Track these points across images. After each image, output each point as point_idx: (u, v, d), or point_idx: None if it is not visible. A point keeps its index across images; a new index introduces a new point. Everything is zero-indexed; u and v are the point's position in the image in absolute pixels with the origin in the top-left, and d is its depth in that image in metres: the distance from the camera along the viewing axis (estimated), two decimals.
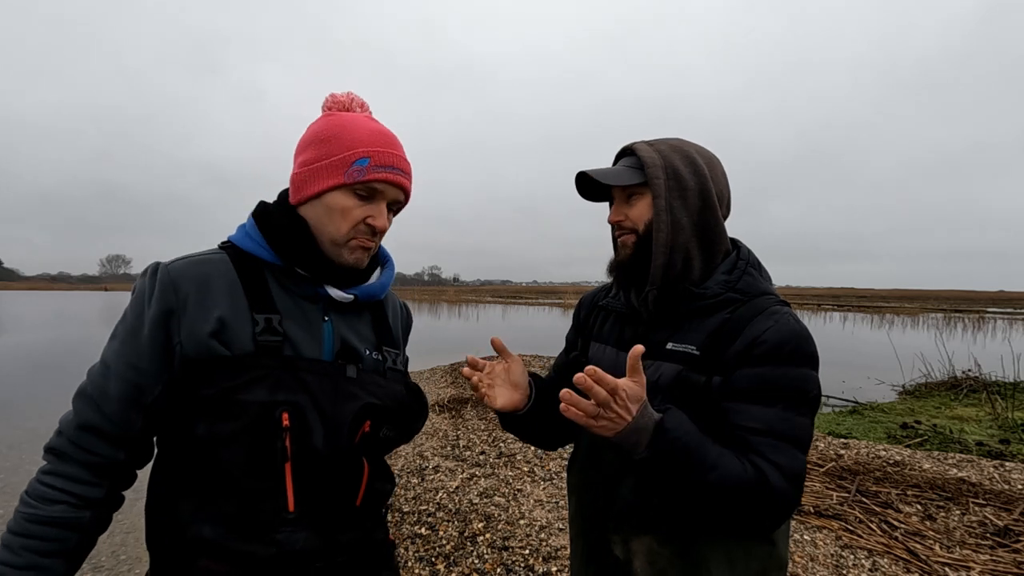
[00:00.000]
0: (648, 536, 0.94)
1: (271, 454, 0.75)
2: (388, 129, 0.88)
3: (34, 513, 0.73)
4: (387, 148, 0.85)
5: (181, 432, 0.78)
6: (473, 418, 5.16)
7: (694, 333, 0.91)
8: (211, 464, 0.76)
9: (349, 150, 0.82)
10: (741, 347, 0.86)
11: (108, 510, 0.80)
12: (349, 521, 0.84)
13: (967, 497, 3.28)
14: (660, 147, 0.96)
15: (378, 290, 0.94)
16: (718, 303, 0.92)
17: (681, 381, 0.89)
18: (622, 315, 1.05)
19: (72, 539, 0.75)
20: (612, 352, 1.03)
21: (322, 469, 0.79)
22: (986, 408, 5.97)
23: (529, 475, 3.62)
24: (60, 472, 0.75)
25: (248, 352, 0.77)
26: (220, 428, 0.75)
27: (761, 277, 0.97)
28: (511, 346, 1.02)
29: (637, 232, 0.97)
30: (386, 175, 0.83)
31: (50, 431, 0.79)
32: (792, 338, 0.85)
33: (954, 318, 26.57)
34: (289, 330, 0.81)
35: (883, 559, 2.57)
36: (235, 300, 0.80)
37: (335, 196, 0.83)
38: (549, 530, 2.81)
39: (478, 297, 54.72)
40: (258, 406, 0.75)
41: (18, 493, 0.76)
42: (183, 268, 0.79)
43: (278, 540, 0.77)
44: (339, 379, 0.83)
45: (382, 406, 0.86)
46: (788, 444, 0.82)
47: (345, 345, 0.87)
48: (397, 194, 0.87)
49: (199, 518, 0.76)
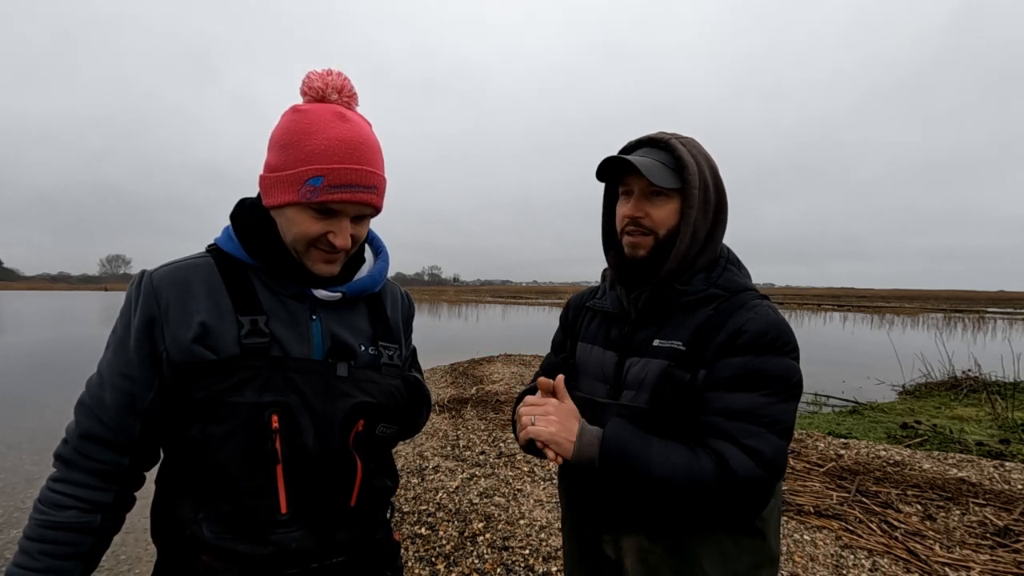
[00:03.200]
0: (638, 535, 0.95)
1: (262, 455, 0.75)
2: (357, 131, 0.78)
3: (47, 519, 0.75)
4: (345, 163, 0.76)
5: (178, 435, 0.79)
6: (473, 418, 5.16)
7: (680, 329, 0.93)
8: (206, 465, 0.77)
9: (303, 165, 0.75)
10: (723, 339, 0.88)
11: (119, 512, 0.82)
12: (344, 521, 0.84)
13: (967, 497, 3.28)
14: (694, 152, 0.94)
15: (369, 283, 0.91)
16: (701, 299, 0.93)
17: (667, 377, 0.90)
18: (608, 315, 1.06)
19: (86, 542, 0.76)
20: (599, 351, 1.04)
21: (314, 469, 0.79)
22: (986, 408, 5.97)
23: (529, 475, 3.62)
24: (68, 479, 0.77)
25: (234, 355, 0.76)
26: (212, 430, 0.76)
27: (740, 273, 0.99)
28: (512, 346, 1.02)
29: (657, 236, 0.95)
30: (341, 195, 0.76)
31: (49, 431, 0.79)
32: (772, 328, 0.87)
33: (954, 318, 26.58)
34: (276, 330, 0.80)
35: (883, 559, 2.57)
36: (219, 303, 0.79)
37: (292, 211, 0.78)
38: (549, 530, 2.81)
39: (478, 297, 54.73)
40: (247, 407, 0.75)
41: (18, 493, 0.76)
42: (164, 275, 0.79)
43: (273, 540, 0.77)
44: (330, 378, 0.81)
45: (376, 404, 0.84)
46: (764, 428, 0.83)
47: (336, 342, 0.85)
48: (361, 209, 0.80)
49: (197, 517, 0.77)
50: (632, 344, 0.98)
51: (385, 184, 0.84)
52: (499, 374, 7.70)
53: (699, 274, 0.96)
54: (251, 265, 0.83)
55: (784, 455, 0.84)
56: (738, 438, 0.83)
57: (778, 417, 0.84)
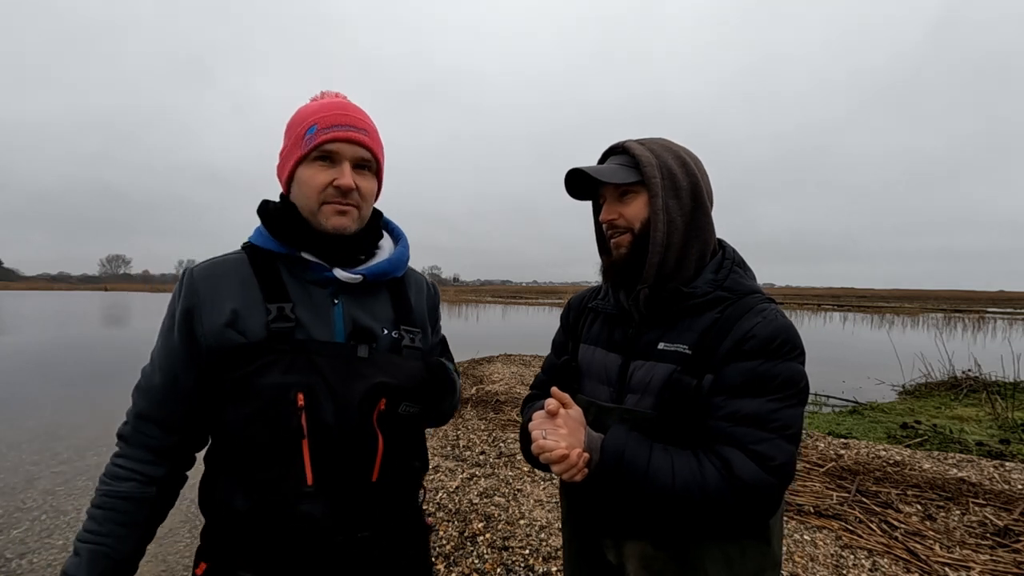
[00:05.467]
0: (642, 541, 0.94)
1: (289, 432, 0.82)
2: (348, 101, 0.92)
3: (110, 489, 0.86)
4: (334, 111, 0.88)
5: (215, 415, 0.87)
6: (473, 418, 5.16)
7: (686, 332, 0.91)
8: (240, 442, 0.85)
9: (300, 125, 0.89)
10: (731, 343, 0.87)
11: (172, 487, 0.92)
12: (367, 495, 0.88)
13: (967, 497, 3.28)
14: (652, 146, 0.96)
15: (388, 267, 0.96)
16: (707, 302, 0.92)
17: (673, 383, 0.89)
18: (611, 316, 1.05)
19: (143, 512, 0.87)
20: (601, 353, 1.03)
21: (337, 445, 0.84)
22: (986, 408, 5.97)
23: (529, 475, 3.62)
24: (127, 455, 0.87)
25: (261, 339, 0.84)
26: (243, 409, 0.83)
27: (746, 275, 0.98)
28: (512, 346, 1.02)
29: (633, 231, 0.96)
30: (334, 134, 0.86)
31: (50, 431, 0.82)
32: (780, 332, 0.86)
33: (954, 318, 26.58)
34: (301, 315, 0.87)
35: (883, 559, 2.57)
36: (249, 292, 0.87)
37: (301, 171, 0.88)
38: (549, 530, 2.81)
39: (478, 297, 54.73)
40: (273, 388, 0.82)
41: (18, 493, 0.78)
42: (202, 270, 0.89)
43: (300, 511, 0.83)
44: (351, 359, 0.87)
45: (396, 385, 0.89)
46: (773, 434, 0.82)
47: (357, 326, 0.90)
48: (357, 151, 0.89)
49: (233, 491, 0.85)
50: (637, 346, 0.97)
51: (378, 135, 0.94)
52: (499, 374, 7.70)
53: (704, 272, 0.94)
54: (279, 255, 0.91)
55: (794, 460, 0.83)
56: (745, 444, 0.81)
57: (787, 422, 0.83)
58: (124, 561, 0.86)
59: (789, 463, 0.82)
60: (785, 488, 0.83)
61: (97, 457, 4.18)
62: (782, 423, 0.83)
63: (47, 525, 3.01)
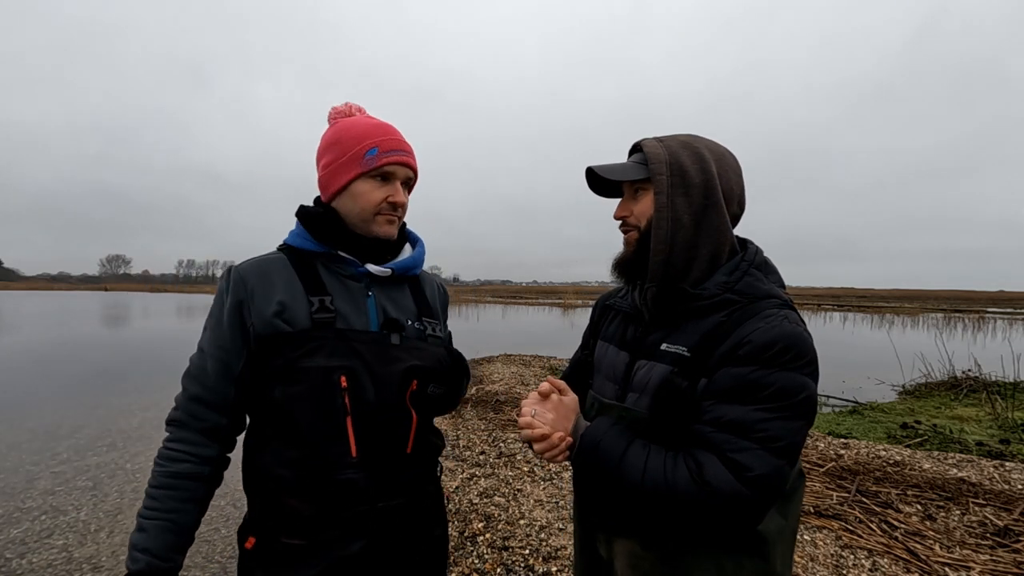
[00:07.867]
0: (630, 539, 0.93)
1: (334, 410, 0.91)
2: (385, 121, 1.04)
3: (167, 470, 0.93)
4: (389, 136, 1.00)
5: (262, 397, 0.95)
6: (473, 418, 5.16)
7: (688, 334, 0.90)
8: (287, 420, 0.92)
9: (359, 144, 0.98)
10: (727, 347, 0.83)
11: (221, 468, 1.00)
12: (403, 464, 0.99)
13: (967, 497, 3.28)
14: (668, 143, 0.94)
15: (411, 263, 1.08)
16: (714, 304, 0.89)
17: (667, 384, 0.88)
18: (627, 315, 1.05)
19: (200, 488, 0.95)
20: (613, 351, 1.04)
21: (377, 420, 0.94)
22: (986, 408, 5.97)
23: (529, 475, 3.62)
24: (181, 438, 0.95)
25: (306, 327, 0.93)
26: (291, 390, 0.91)
27: (766, 279, 0.93)
28: (512, 346, 1.03)
29: (639, 228, 0.95)
30: (395, 158, 0.99)
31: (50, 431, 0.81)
32: (781, 339, 0.80)
33: (954, 318, 26.58)
34: (339, 307, 0.97)
35: (883, 559, 2.57)
36: (292, 287, 0.96)
37: (358, 184, 0.99)
38: (549, 530, 2.81)
39: (478, 297, 54.71)
40: (319, 371, 0.91)
41: (18, 493, 0.78)
42: (249, 267, 0.98)
43: (345, 480, 0.92)
44: (386, 345, 0.98)
45: (425, 367, 1.00)
46: (756, 444, 0.77)
47: (388, 316, 1.01)
48: (407, 172, 1.03)
49: (280, 465, 0.92)
50: (643, 346, 0.96)
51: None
52: (499, 374, 7.70)
53: (716, 274, 0.91)
54: (317, 253, 1.01)
55: (780, 475, 0.78)
56: (724, 450, 0.78)
57: (776, 434, 0.78)
58: (184, 533, 0.93)
59: (770, 476, 0.76)
60: (766, 503, 0.78)
61: (97, 457, 4.17)
62: (769, 434, 0.77)
63: (47, 525, 3.01)
